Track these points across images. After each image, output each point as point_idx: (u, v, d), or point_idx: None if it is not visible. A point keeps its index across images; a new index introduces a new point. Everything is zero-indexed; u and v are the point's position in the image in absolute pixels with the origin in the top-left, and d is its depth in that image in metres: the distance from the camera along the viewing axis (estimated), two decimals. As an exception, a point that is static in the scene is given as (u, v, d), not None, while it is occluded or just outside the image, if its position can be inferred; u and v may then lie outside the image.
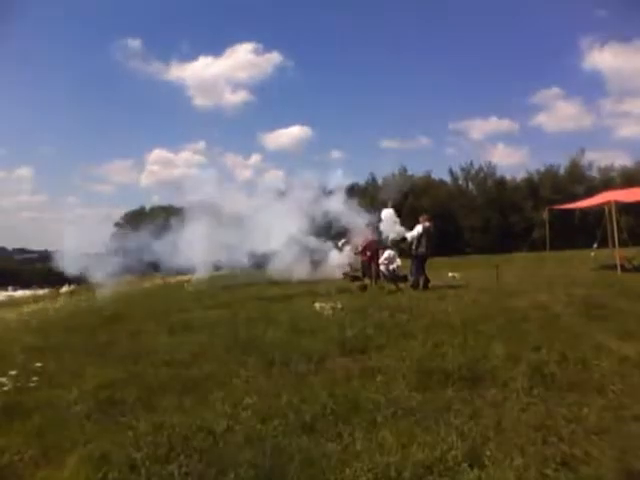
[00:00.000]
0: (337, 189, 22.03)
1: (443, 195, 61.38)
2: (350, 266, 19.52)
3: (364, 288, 15.28)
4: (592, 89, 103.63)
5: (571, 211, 34.04)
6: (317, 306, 10.75)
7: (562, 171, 61.63)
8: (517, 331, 7.34)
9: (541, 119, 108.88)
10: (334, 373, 5.80)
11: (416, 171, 66.23)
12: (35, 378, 6.12)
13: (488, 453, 3.55)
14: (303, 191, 21.50)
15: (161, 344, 8.00)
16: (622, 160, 72.38)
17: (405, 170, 64.78)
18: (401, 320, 8.69)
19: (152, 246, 18.44)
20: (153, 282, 25.35)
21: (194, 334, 8.69)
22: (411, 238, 14.87)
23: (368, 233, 17.41)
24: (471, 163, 65.72)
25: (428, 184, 63.19)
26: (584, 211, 34.19)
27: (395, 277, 15.35)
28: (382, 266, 15.56)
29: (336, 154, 64.13)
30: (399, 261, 15.58)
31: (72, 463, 3.80)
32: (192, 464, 3.61)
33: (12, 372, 6.17)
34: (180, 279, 24.34)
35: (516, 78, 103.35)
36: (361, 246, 17.40)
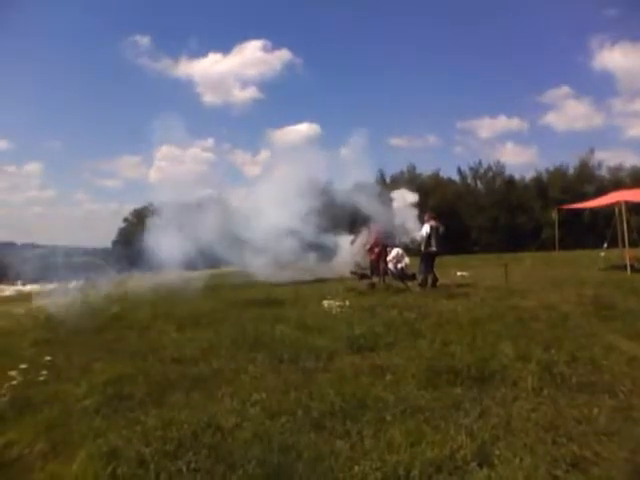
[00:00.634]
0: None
1: (451, 194, 61.11)
2: (358, 264, 19.24)
3: (372, 286, 15.25)
4: (602, 88, 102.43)
5: (580, 211, 33.95)
6: (325, 304, 10.76)
7: (571, 171, 61.22)
8: (526, 331, 7.31)
9: (550, 118, 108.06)
10: (342, 371, 5.79)
11: (424, 169, 65.96)
12: (44, 372, 6.16)
13: (497, 452, 3.54)
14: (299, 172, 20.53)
15: (169, 340, 8.02)
16: (632, 160, 71.73)
17: (414, 168, 64.61)
18: (409, 319, 8.66)
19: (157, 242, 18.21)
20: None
21: (202, 331, 8.69)
22: (420, 238, 14.86)
23: (376, 230, 17.33)
24: (480, 162, 65.41)
25: (436, 183, 62.92)
26: (594, 211, 34.10)
27: (403, 275, 15.31)
28: (390, 264, 15.52)
29: (344, 151, 64.53)
30: (407, 259, 15.53)
31: (81, 457, 3.81)
32: (201, 460, 3.62)
33: (22, 366, 6.21)
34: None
35: (525, 77, 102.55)
36: (369, 244, 17.33)
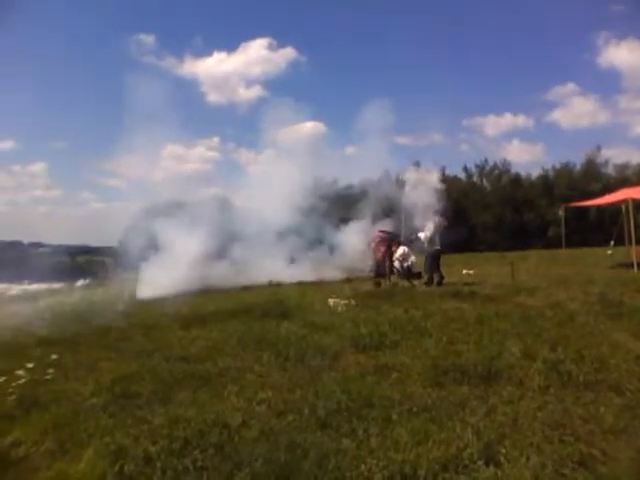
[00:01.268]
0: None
1: (457, 192, 60.95)
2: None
3: (378, 285, 15.24)
4: (608, 86, 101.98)
5: (587, 209, 33.86)
6: (331, 302, 10.75)
7: (578, 168, 60.94)
8: (533, 329, 7.28)
9: (557, 116, 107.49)
10: (348, 369, 5.80)
11: (430, 168, 65.80)
12: (51, 371, 6.18)
13: (504, 451, 3.52)
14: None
15: (175, 339, 8.04)
16: (638, 157, 71.47)
17: (419, 166, 64.51)
18: (415, 317, 8.65)
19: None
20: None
21: (208, 329, 8.71)
22: (424, 238, 14.85)
23: (382, 229, 17.28)
24: (486, 160, 65.16)
25: (442, 181, 62.80)
26: (600, 209, 34.01)
27: (409, 274, 15.29)
28: (396, 262, 15.51)
29: (350, 150, 64.09)
30: (414, 258, 15.52)
31: (88, 456, 3.83)
32: (207, 458, 3.63)
33: (29, 365, 6.23)
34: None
35: (531, 74, 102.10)
36: (374, 242, 17.29)
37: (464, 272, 17.67)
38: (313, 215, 20.30)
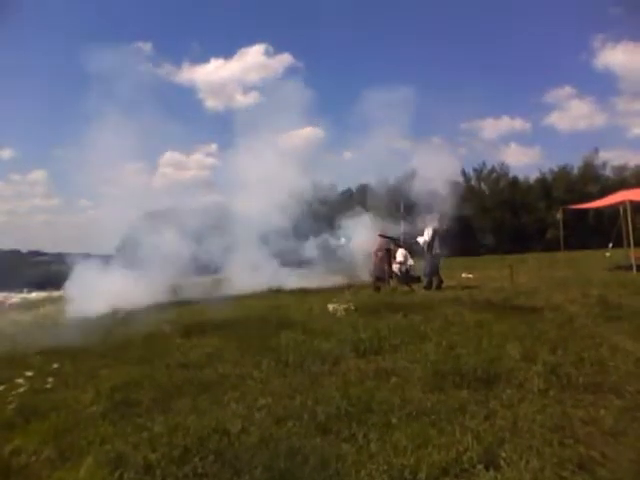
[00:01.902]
0: None
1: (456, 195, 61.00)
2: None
3: (377, 289, 15.25)
4: (605, 88, 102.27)
5: (585, 211, 33.92)
6: (330, 307, 10.76)
7: (576, 171, 61.11)
8: (532, 332, 7.28)
9: (554, 118, 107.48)
10: (348, 374, 5.79)
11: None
12: (51, 379, 6.18)
13: (504, 455, 3.52)
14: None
15: (175, 346, 8.04)
16: (636, 159, 71.53)
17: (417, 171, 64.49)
18: (415, 321, 8.65)
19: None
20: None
21: (207, 336, 8.70)
22: (423, 242, 14.85)
23: (380, 234, 17.28)
24: (483, 163, 65.31)
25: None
26: (598, 211, 34.07)
27: (408, 278, 15.30)
28: (395, 266, 15.52)
29: (348, 155, 63.85)
30: (412, 261, 15.53)
31: (88, 464, 3.82)
32: (207, 465, 3.62)
33: (28, 373, 6.24)
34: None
35: (528, 77, 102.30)
36: (373, 247, 17.28)
37: (463, 276, 17.69)
38: (312, 220, 20.25)
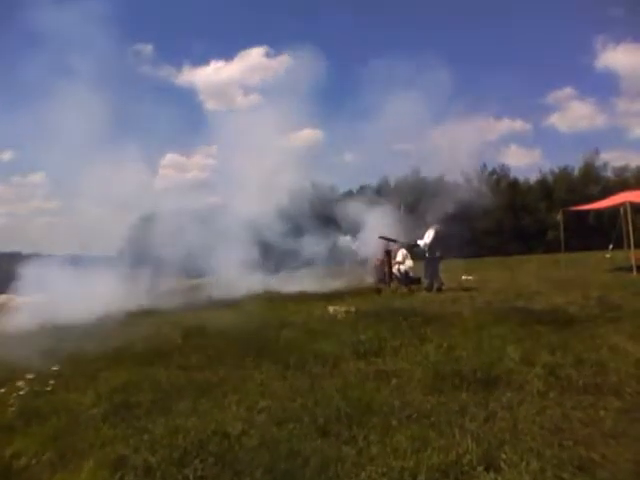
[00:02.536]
0: None
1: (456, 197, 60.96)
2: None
3: (378, 292, 15.24)
4: (606, 89, 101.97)
5: (586, 212, 33.88)
6: (331, 309, 10.77)
7: (576, 172, 60.97)
8: (532, 333, 7.29)
9: (554, 120, 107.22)
10: (348, 376, 5.79)
11: (429, 173, 65.60)
12: (51, 382, 6.18)
13: (504, 456, 3.52)
14: None
15: (175, 348, 8.03)
16: (637, 160, 71.41)
17: (418, 172, 64.39)
18: (415, 323, 8.65)
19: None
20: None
21: (208, 338, 8.70)
22: (424, 245, 14.84)
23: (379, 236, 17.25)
24: (484, 165, 65.23)
25: (441, 186, 62.72)
26: (599, 212, 34.03)
27: (408, 279, 15.30)
28: (394, 267, 15.51)
29: (348, 157, 63.83)
30: (411, 262, 15.50)
31: (88, 466, 3.82)
32: (207, 467, 3.63)
33: (29, 376, 6.23)
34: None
35: (529, 78, 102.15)
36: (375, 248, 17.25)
37: (463, 277, 17.66)
38: (316, 221, 20.17)
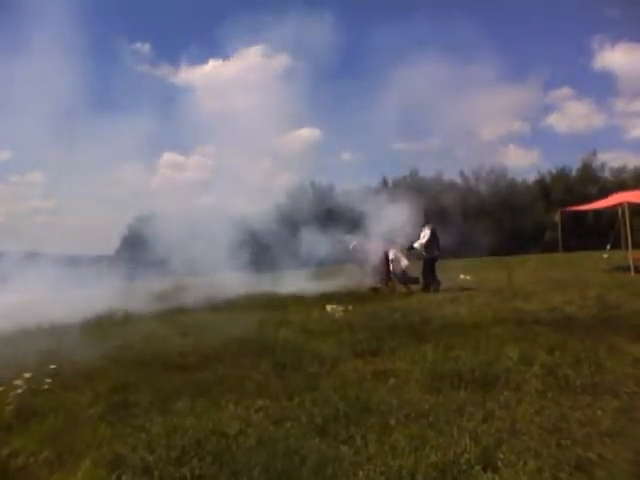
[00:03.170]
0: None
1: (454, 197, 60.90)
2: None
3: (375, 291, 15.23)
4: (603, 89, 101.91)
5: (584, 213, 33.92)
6: (329, 309, 10.76)
7: (574, 172, 61.06)
8: (530, 333, 7.30)
9: (552, 120, 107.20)
10: (346, 376, 5.79)
11: (427, 173, 65.53)
12: (49, 381, 6.15)
13: (501, 456, 3.53)
14: None
15: (173, 347, 8.03)
16: (635, 161, 71.32)
17: (416, 172, 64.33)
18: (413, 323, 8.66)
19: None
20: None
21: (206, 337, 8.70)
22: (420, 246, 14.83)
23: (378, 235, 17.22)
24: (482, 165, 65.21)
25: (439, 186, 62.70)
26: (597, 213, 34.08)
27: (405, 278, 15.30)
28: (391, 265, 15.50)
29: (346, 156, 63.96)
30: (406, 261, 15.47)
31: (86, 465, 3.81)
32: (205, 466, 3.63)
33: (26, 375, 6.21)
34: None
35: (527, 78, 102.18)
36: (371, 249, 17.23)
37: (461, 277, 17.65)
38: (309, 222, 20.14)
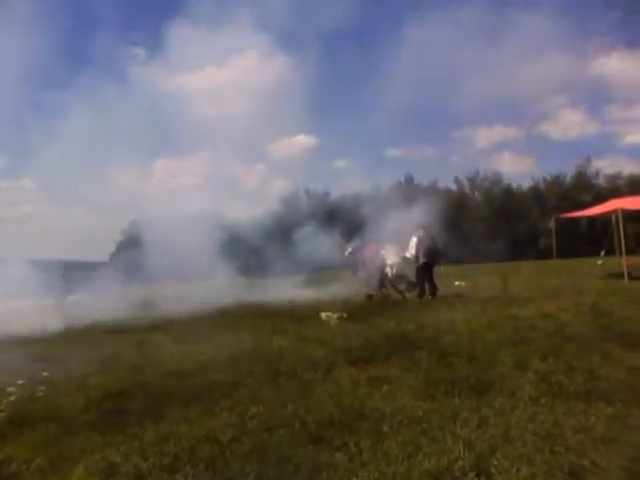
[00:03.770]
0: None
1: (448, 204, 61.05)
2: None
3: (370, 298, 15.23)
4: (598, 96, 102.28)
5: (578, 219, 34.06)
6: (323, 315, 10.76)
7: (568, 179, 61.37)
8: (524, 340, 7.31)
9: (547, 126, 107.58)
10: (340, 382, 5.79)
11: (422, 180, 65.66)
12: (42, 388, 6.13)
13: (495, 462, 3.52)
14: None
15: (167, 354, 8.00)
16: (629, 168, 71.73)
17: (411, 179, 64.41)
18: (408, 330, 8.66)
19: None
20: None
21: (200, 343, 8.68)
22: (410, 256, 14.86)
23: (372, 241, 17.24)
24: (477, 171, 65.46)
25: (434, 193, 62.85)
26: (591, 219, 34.22)
27: (402, 280, 15.34)
28: (389, 271, 15.53)
29: (341, 163, 64.05)
30: (394, 259, 15.45)
31: (79, 473, 3.80)
32: (198, 473, 3.61)
33: (19, 382, 6.19)
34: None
35: (521, 85, 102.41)
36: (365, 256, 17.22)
37: (456, 284, 17.69)
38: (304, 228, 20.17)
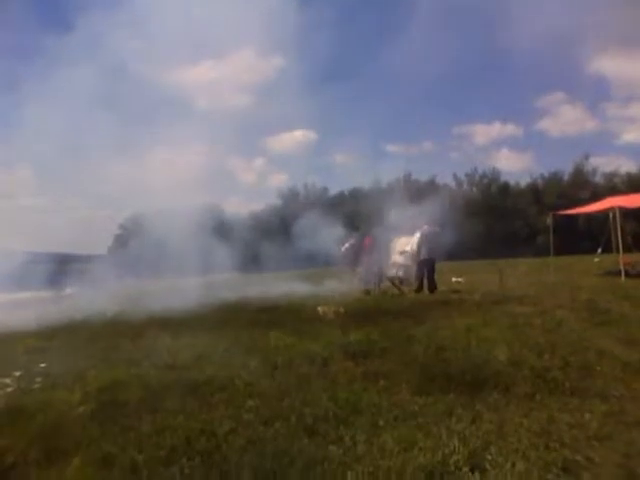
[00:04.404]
0: None
1: (447, 200, 61.02)
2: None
3: (367, 292, 15.27)
4: (596, 93, 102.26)
5: (575, 217, 34.10)
6: (320, 310, 10.76)
7: (566, 177, 61.43)
8: (520, 336, 7.34)
9: (545, 124, 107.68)
10: (336, 377, 5.79)
11: (421, 176, 65.64)
12: (39, 379, 6.14)
13: (490, 458, 3.54)
14: None
15: (164, 347, 8.00)
16: (627, 166, 71.85)
17: (410, 175, 64.36)
18: (404, 324, 8.68)
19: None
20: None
21: (197, 337, 8.69)
22: (412, 251, 14.87)
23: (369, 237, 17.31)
24: (475, 168, 65.49)
25: (432, 189, 62.84)
26: (588, 217, 34.29)
27: (400, 278, 15.38)
28: (393, 269, 15.58)
29: (340, 158, 63.99)
30: (404, 260, 15.50)
31: (75, 465, 3.80)
32: (194, 466, 3.62)
33: (16, 373, 6.20)
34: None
35: (520, 82, 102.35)
36: (362, 251, 17.29)
37: (453, 280, 17.74)
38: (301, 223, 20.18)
